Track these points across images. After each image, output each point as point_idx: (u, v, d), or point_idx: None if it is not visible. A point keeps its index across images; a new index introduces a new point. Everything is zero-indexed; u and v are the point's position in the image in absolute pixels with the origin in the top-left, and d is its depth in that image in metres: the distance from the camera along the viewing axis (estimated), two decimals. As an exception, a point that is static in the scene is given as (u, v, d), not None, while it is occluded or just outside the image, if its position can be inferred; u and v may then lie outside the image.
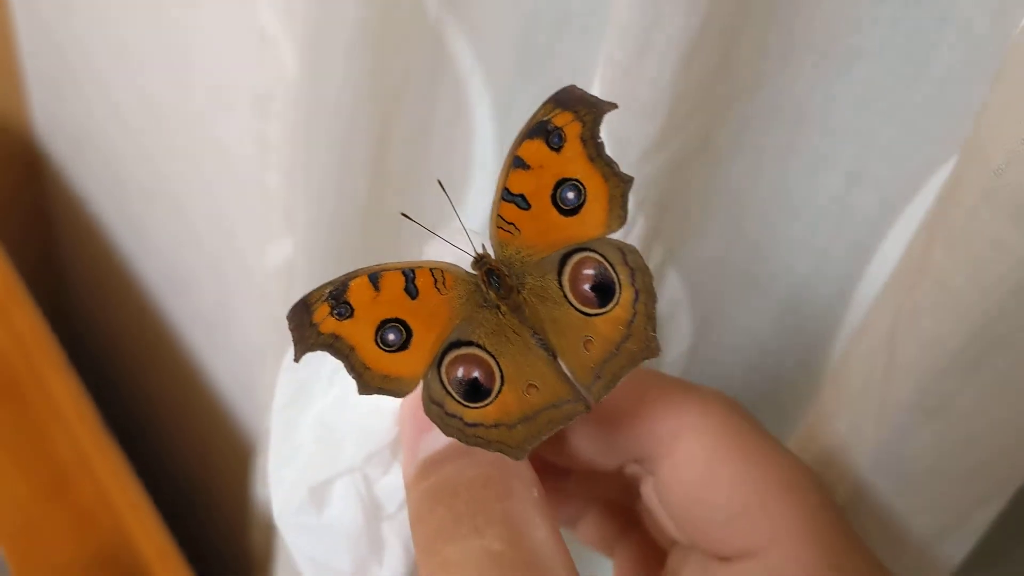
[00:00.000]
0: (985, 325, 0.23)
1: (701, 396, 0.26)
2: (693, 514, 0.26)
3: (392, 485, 0.27)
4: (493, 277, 0.25)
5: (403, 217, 0.44)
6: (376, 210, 0.43)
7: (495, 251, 0.25)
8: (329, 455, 0.28)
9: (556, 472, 0.29)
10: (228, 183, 0.60)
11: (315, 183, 0.42)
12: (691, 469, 0.26)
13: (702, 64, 0.28)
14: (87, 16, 0.65)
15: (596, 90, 0.30)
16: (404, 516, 0.27)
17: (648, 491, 0.28)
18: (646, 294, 0.24)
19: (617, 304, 0.24)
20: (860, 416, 0.28)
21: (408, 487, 0.25)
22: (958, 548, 0.28)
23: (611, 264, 0.24)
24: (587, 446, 0.27)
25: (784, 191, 0.32)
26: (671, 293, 0.35)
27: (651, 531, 0.30)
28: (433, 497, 0.24)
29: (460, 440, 0.24)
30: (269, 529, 0.59)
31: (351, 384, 0.24)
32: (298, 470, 0.28)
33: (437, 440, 0.25)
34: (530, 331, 0.25)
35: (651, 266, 0.34)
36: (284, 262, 0.47)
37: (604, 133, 0.29)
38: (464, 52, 0.39)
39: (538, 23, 0.36)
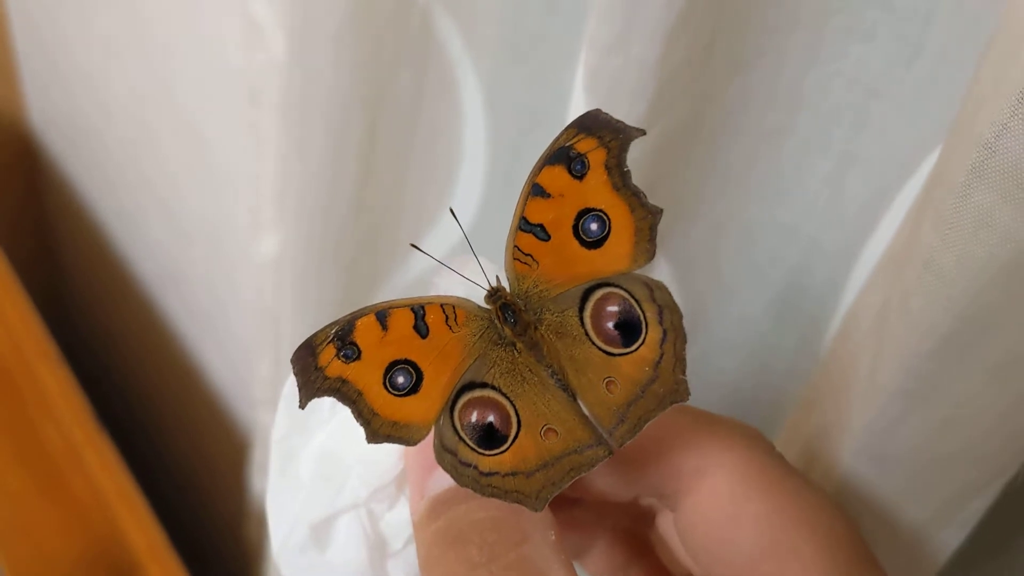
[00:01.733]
0: (974, 306, 0.23)
1: (726, 431, 0.25)
2: (716, 553, 0.25)
3: (398, 521, 0.26)
4: (508, 312, 0.24)
5: (396, 205, 0.44)
6: (367, 200, 0.43)
7: (511, 284, 0.24)
8: (331, 489, 0.26)
9: (566, 502, 0.28)
10: (220, 175, 0.59)
11: (304, 173, 0.42)
12: (715, 508, 0.25)
13: (689, 44, 0.27)
14: (78, 10, 0.65)
15: (580, 72, 0.29)
16: (410, 553, 0.26)
17: (666, 524, 0.27)
18: (675, 334, 0.23)
19: (643, 344, 0.23)
20: (848, 402, 0.27)
21: (416, 528, 0.24)
22: (952, 537, 0.28)
23: (637, 301, 0.23)
24: (603, 480, 0.26)
25: (776, 174, 0.32)
26: (661, 280, 0.35)
27: (663, 561, 0.29)
28: (444, 541, 0.23)
29: (475, 491, 0.23)
30: (263, 523, 0.59)
31: None
32: (299, 505, 0.27)
33: (446, 478, 0.23)
34: (548, 370, 0.23)
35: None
36: (275, 254, 0.47)
37: (586, 110, 0.29)
38: (452, 37, 0.38)
39: (526, 7, 0.35)
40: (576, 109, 0.29)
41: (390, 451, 0.26)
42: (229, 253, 0.62)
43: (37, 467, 0.61)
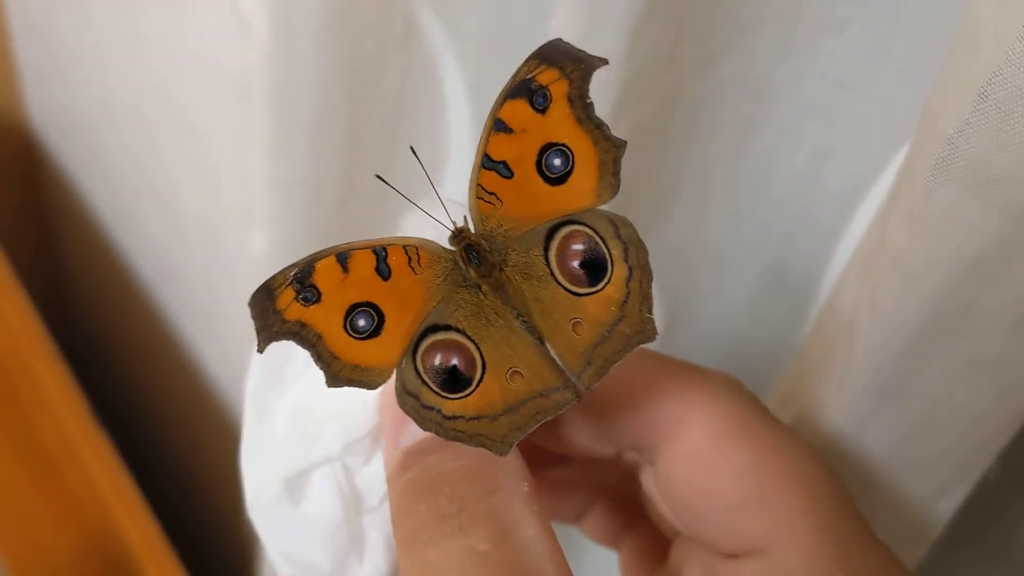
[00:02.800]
0: (943, 303, 0.22)
1: (704, 379, 0.25)
2: (696, 506, 0.24)
3: (374, 476, 0.26)
4: (473, 253, 0.23)
5: (382, 198, 0.44)
6: (353, 196, 0.43)
7: (475, 224, 0.23)
8: (306, 443, 0.26)
9: (551, 460, 0.28)
10: (215, 171, 0.59)
11: (290, 169, 0.42)
12: (694, 459, 0.24)
13: (656, 37, 0.27)
14: (75, 7, 0.65)
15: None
16: (386, 509, 0.26)
17: (648, 480, 0.26)
18: (641, 271, 0.22)
19: (609, 282, 0.22)
20: (820, 401, 0.27)
21: (389, 480, 0.24)
22: (922, 538, 0.28)
23: (602, 238, 0.22)
24: (580, 432, 0.25)
25: (749, 170, 0.32)
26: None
27: (655, 522, 0.28)
28: (414, 492, 0.22)
29: (438, 435, 0.22)
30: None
31: None
32: (273, 459, 0.26)
33: (420, 429, 0.22)
34: (514, 312, 0.23)
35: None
36: (264, 250, 0.47)
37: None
38: (435, 33, 0.38)
39: (508, 1, 0.35)
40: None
41: (365, 405, 0.25)
42: (225, 249, 0.62)
43: (34, 462, 0.61)
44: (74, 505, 0.60)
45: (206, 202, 0.62)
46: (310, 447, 0.26)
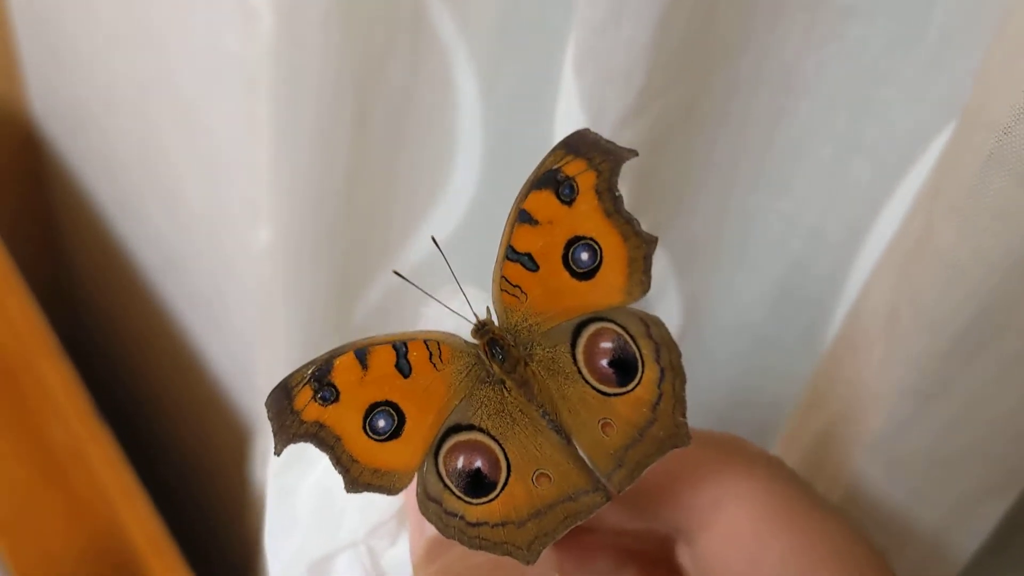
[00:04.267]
0: (991, 303, 0.21)
1: (743, 458, 0.24)
2: None
3: (400, 558, 0.25)
4: (496, 348, 0.22)
5: (389, 191, 0.43)
6: (359, 188, 0.42)
7: (499, 317, 0.23)
8: (330, 526, 0.25)
9: (579, 528, 0.27)
10: (220, 164, 0.59)
11: (295, 161, 0.41)
12: (735, 546, 0.23)
13: (682, 25, 0.26)
14: (78, -4, 0.65)
15: (569, 54, 0.28)
16: None
17: (684, 556, 0.25)
18: (673, 373, 0.21)
19: (640, 383, 0.22)
20: (855, 404, 0.26)
21: (415, 569, 0.23)
22: (967, 542, 0.27)
23: (632, 337, 0.22)
24: (611, 514, 0.24)
25: (774, 162, 0.31)
26: (657, 270, 0.33)
27: None
28: None
29: (462, 543, 0.21)
30: (264, 514, 0.59)
31: None
32: (296, 544, 0.26)
33: None
34: (539, 410, 0.22)
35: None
36: (270, 244, 0.46)
37: (576, 101, 0.28)
38: (445, 22, 0.37)
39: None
40: (566, 94, 0.28)
41: None
42: (229, 243, 0.61)
43: (39, 461, 0.61)
44: (78, 502, 0.59)
45: (210, 195, 0.62)
46: (334, 530, 0.25)
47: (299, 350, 0.47)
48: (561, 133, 0.30)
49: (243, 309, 0.63)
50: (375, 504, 0.25)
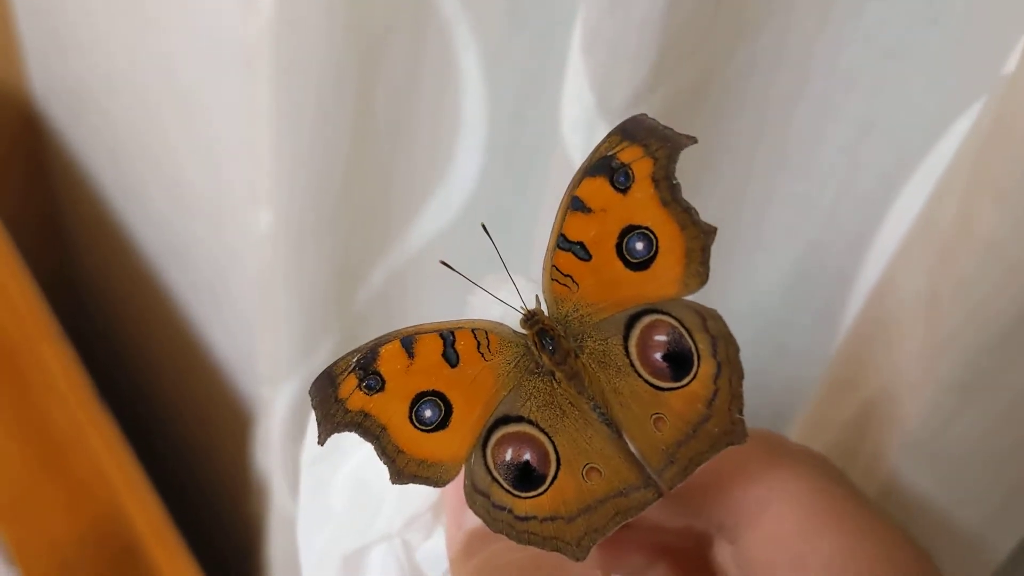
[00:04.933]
0: None
1: (789, 457, 0.23)
2: None
3: (435, 551, 0.24)
4: (547, 338, 0.22)
5: (391, 174, 0.42)
6: (362, 170, 0.41)
7: (549, 307, 0.22)
8: (365, 518, 0.25)
9: None
10: (220, 148, 0.58)
11: (297, 143, 0.40)
12: (781, 545, 0.22)
13: (693, 5, 0.25)
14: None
15: (577, 32, 0.27)
16: None
17: (724, 554, 0.24)
18: (730, 368, 0.21)
19: (695, 378, 0.21)
20: (894, 393, 0.25)
21: (452, 564, 0.22)
22: (1005, 540, 0.26)
23: (688, 330, 0.21)
24: (654, 511, 0.23)
25: (790, 143, 0.30)
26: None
27: None
28: None
29: (510, 537, 0.21)
30: (266, 498, 0.58)
31: None
32: (330, 535, 0.25)
33: None
34: (590, 403, 0.21)
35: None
36: (270, 226, 0.46)
37: (585, 81, 0.27)
38: (449, 3, 0.36)
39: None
40: (573, 73, 0.27)
41: None
42: (231, 227, 0.61)
43: (40, 445, 0.61)
44: (80, 488, 0.59)
45: (211, 178, 0.61)
46: (368, 523, 0.25)
47: (299, 335, 0.47)
48: (568, 115, 0.29)
49: (245, 294, 0.63)
50: (410, 497, 0.24)
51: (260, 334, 0.53)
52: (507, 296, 0.23)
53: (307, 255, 0.44)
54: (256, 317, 0.57)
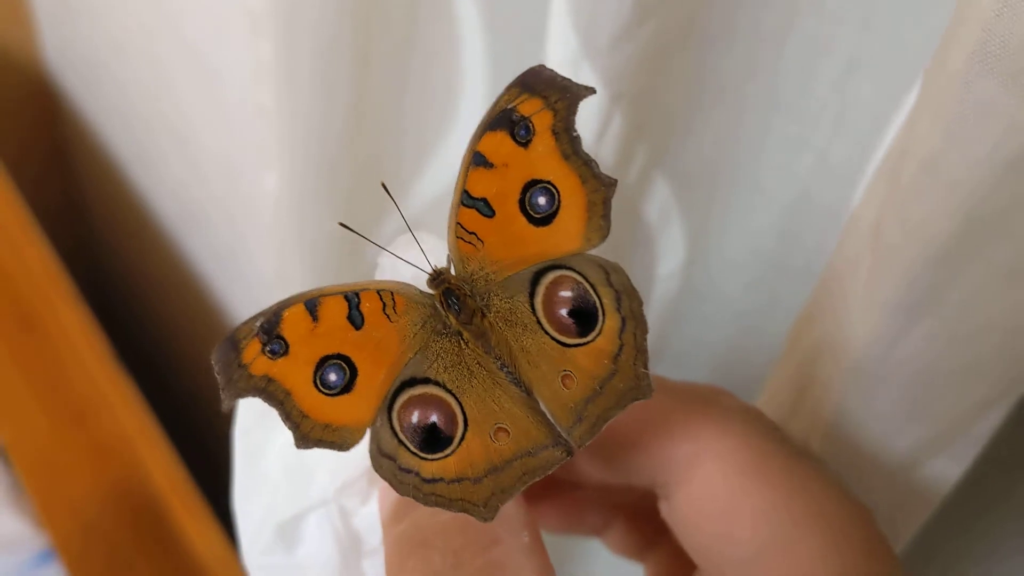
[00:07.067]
0: (980, 208, 0.20)
1: (719, 411, 0.23)
2: (712, 548, 0.23)
3: (373, 516, 0.24)
4: (452, 298, 0.21)
5: (394, 130, 0.42)
6: (362, 130, 0.41)
7: (455, 266, 0.22)
8: (299, 485, 0.25)
9: (562, 483, 0.26)
10: (231, 110, 0.58)
11: (298, 99, 0.40)
12: (710, 501, 0.22)
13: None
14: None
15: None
16: None
17: (664, 511, 0.25)
18: (635, 322, 0.21)
19: (600, 334, 0.21)
20: (844, 319, 0.25)
21: (383, 528, 0.22)
22: (955, 464, 0.26)
23: (592, 285, 0.21)
24: (588, 468, 0.24)
25: (779, 81, 0.29)
26: (659, 200, 0.33)
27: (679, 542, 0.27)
28: (406, 547, 0.21)
29: (417, 500, 0.20)
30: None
31: None
32: (265, 503, 0.25)
33: None
34: (498, 363, 0.21)
35: (634, 170, 0.31)
36: (276, 187, 0.46)
37: (568, 19, 0.27)
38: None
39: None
40: (556, 13, 0.27)
41: (360, 444, 0.24)
42: (245, 187, 0.61)
43: (61, 408, 0.61)
44: (101, 448, 0.60)
45: (223, 139, 0.61)
46: (304, 489, 0.25)
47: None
48: (553, 56, 0.29)
49: (259, 257, 0.63)
50: (345, 463, 0.24)
51: (275, 294, 0.54)
52: (417, 257, 0.22)
53: (312, 214, 0.44)
54: (273, 280, 0.58)
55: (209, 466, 0.64)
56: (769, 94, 0.30)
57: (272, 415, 0.23)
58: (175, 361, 0.83)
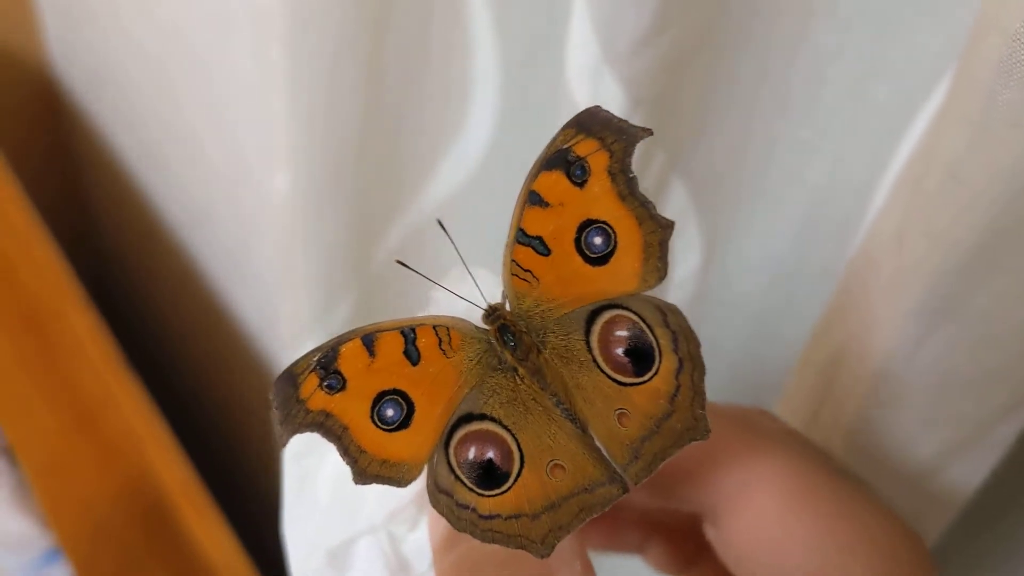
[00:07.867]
0: (1004, 216, 0.21)
1: (770, 440, 0.23)
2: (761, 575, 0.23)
3: (421, 543, 0.24)
4: (508, 334, 0.21)
5: (407, 140, 0.42)
6: (375, 130, 0.41)
7: (510, 302, 0.22)
8: (349, 512, 0.25)
9: None
10: (236, 112, 0.58)
11: (309, 106, 0.40)
12: (760, 529, 0.23)
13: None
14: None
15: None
16: None
17: (711, 533, 0.25)
18: (692, 364, 0.21)
19: (657, 374, 0.21)
20: (866, 324, 0.26)
21: (434, 555, 0.23)
22: (976, 469, 0.26)
23: (649, 326, 0.21)
24: (636, 497, 0.23)
25: (793, 87, 0.30)
26: (676, 203, 0.33)
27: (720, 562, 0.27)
28: (458, 575, 0.21)
29: (474, 536, 0.21)
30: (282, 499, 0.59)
31: None
32: (315, 529, 0.25)
33: None
34: (553, 399, 0.21)
35: (652, 174, 0.32)
36: (287, 190, 0.46)
37: (589, 26, 0.27)
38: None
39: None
40: (578, 20, 0.27)
41: None
42: (251, 189, 0.61)
43: (71, 410, 0.61)
44: (110, 450, 0.60)
45: (228, 142, 0.61)
46: (353, 516, 0.25)
47: (320, 298, 0.47)
48: (573, 63, 0.29)
49: (266, 257, 0.63)
50: (393, 490, 0.24)
51: (280, 296, 0.54)
52: (471, 292, 0.23)
53: (323, 215, 0.44)
54: (277, 281, 0.58)
55: (217, 467, 0.64)
56: (782, 99, 0.30)
57: (321, 441, 0.23)
58: (178, 361, 0.83)
